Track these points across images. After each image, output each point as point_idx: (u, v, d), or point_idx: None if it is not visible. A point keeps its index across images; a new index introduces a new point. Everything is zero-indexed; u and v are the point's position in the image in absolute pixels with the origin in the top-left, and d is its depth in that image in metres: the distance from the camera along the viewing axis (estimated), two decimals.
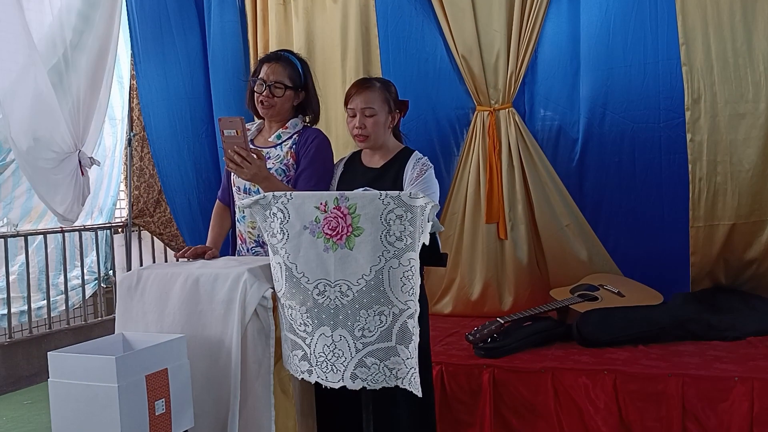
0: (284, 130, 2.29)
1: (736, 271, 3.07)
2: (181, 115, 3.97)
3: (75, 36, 3.29)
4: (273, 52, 2.36)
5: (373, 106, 2.15)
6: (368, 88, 2.18)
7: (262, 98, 2.25)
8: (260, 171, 2.07)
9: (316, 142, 2.24)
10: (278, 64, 2.26)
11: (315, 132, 2.30)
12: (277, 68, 2.25)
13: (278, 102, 2.26)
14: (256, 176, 2.07)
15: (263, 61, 2.30)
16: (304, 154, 2.23)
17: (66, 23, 3.29)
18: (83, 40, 3.32)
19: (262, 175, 2.08)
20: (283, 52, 2.37)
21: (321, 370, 1.71)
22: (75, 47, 3.31)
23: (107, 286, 4.66)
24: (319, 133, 2.29)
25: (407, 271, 1.65)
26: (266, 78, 2.24)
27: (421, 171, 2.14)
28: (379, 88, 2.19)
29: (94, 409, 1.62)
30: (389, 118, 2.20)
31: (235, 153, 2.03)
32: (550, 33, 3.26)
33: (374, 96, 2.16)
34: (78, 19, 3.31)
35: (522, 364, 2.49)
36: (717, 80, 2.95)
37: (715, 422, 2.23)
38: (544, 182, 3.28)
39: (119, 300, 2.00)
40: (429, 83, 3.43)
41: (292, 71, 2.28)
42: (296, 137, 2.27)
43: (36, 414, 3.41)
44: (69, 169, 3.40)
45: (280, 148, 2.26)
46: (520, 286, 3.31)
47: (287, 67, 2.27)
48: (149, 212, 4.29)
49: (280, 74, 2.25)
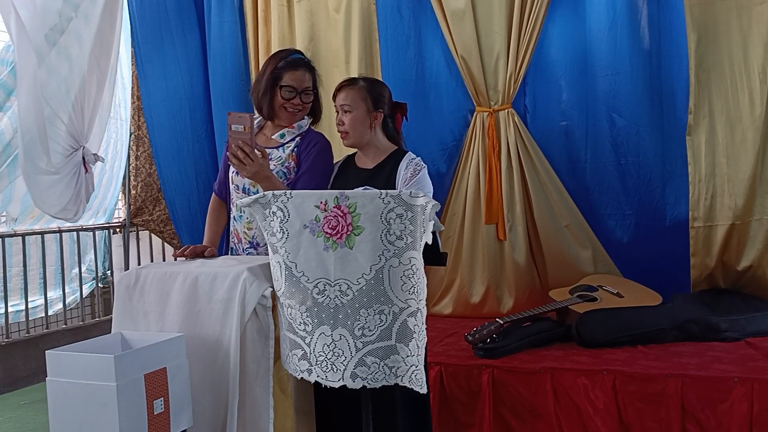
0: (289, 130, 2.27)
1: (734, 272, 3.08)
2: (181, 115, 3.97)
3: (64, 22, 3.25)
4: (295, 58, 2.29)
5: (349, 102, 2.18)
6: (349, 86, 2.21)
7: (291, 106, 2.23)
8: (262, 170, 2.06)
9: (318, 147, 2.23)
10: (304, 70, 2.26)
11: (318, 136, 2.29)
12: (305, 75, 2.25)
13: (307, 108, 2.28)
14: (257, 174, 2.06)
15: (287, 68, 2.24)
16: (305, 157, 2.22)
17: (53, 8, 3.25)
18: (73, 26, 3.28)
19: (264, 174, 2.07)
20: (299, 55, 2.33)
21: (321, 369, 1.70)
22: (67, 34, 3.27)
23: (105, 286, 4.65)
24: (321, 138, 2.28)
25: (408, 269, 1.65)
26: (297, 85, 2.23)
27: (415, 171, 2.13)
28: (361, 86, 2.21)
29: (93, 408, 1.61)
30: (369, 116, 2.20)
31: (239, 149, 2.03)
32: (553, 34, 3.28)
33: (353, 93, 2.19)
34: (65, 5, 3.26)
35: (521, 364, 2.49)
36: (715, 86, 3.01)
37: (714, 423, 2.23)
38: (543, 183, 3.28)
39: (117, 299, 1.99)
40: (428, 84, 3.43)
41: (312, 76, 2.29)
42: (299, 140, 2.26)
43: (33, 414, 3.40)
44: (71, 166, 3.38)
45: (282, 150, 2.25)
46: (520, 286, 3.31)
47: (311, 72, 2.28)
48: (148, 211, 4.29)
49: (308, 80, 2.26)
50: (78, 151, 3.42)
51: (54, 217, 3.55)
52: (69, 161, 3.34)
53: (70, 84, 3.30)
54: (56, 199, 3.33)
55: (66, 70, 3.30)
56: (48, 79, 3.19)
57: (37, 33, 3.14)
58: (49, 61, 3.20)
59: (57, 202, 3.34)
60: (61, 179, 3.32)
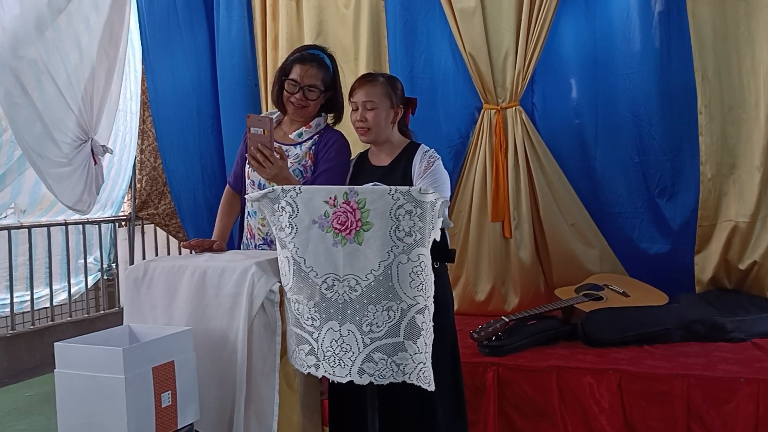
0: (307, 129, 2.26)
1: (739, 271, 3.07)
2: (188, 109, 3.98)
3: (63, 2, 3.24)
4: (308, 52, 2.27)
5: (374, 99, 2.16)
6: (370, 82, 2.18)
7: (295, 100, 2.22)
8: (281, 171, 2.06)
9: (336, 146, 2.22)
10: (313, 66, 2.22)
11: (336, 134, 2.28)
12: (311, 71, 2.21)
13: (311, 105, 2.24)
14: (276, 176, 2.06)
15: (296, 61, 2.23)
16: (323, 156, 2.21)
17: None
18: (83, 12, 3.28)
19: (283, 175, 2.07)
20: (315, 50, 2.30)
21: (328, 364, 1.71)
22: (77, 20, 3.27)
23: (109, 278, 4.67)
24: (340, 136, 2.27)
25: (416, 266, 1.65)
26: (300, 80, 2.20)
27: (429, 163, 2.13)
28: (381, 82, 2.19)
29: (101, 400, 1.62)
30: (391, 112, 2.20)
31: (259, 151, 2.03)
32: (563, 32, 3.27)
33: (376, 90, 2.17)
34: None
35: (526, 362, 2.49)
36: (722, 87, 3.02)
37: (719, 423, 2.23)
38: (550, 181, 3.27)
39: (126, 292, 1.99)
40: (436, 81, 3.43)
41: (325, 73, 2.25)
42: (317, 138, 2.25)
43: (38, 406, 3.41)
44: (81, 158, 3.38)
45: (299, 148, 2.24)
46: (525, 285, 3.30)
47: (321, 70, 2.23)
48: (154, 204, 4.29)
49: (314, 77, 2.22)
50: (86, 143, 3.42)
51: (70, 208, 3.56)
52: (78, 153, 3.34)
53: (80, 74, 3.30)
54: (70, 191, 3.34)
55: (76, 59, 3.30)
56: (58, 67, 3.19)
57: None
58: (58, 44, 3.18)
59: (71, 194, 3.35)
60: (73, 171, 3.32)
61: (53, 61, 3.23)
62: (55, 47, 3.23)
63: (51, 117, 3.20)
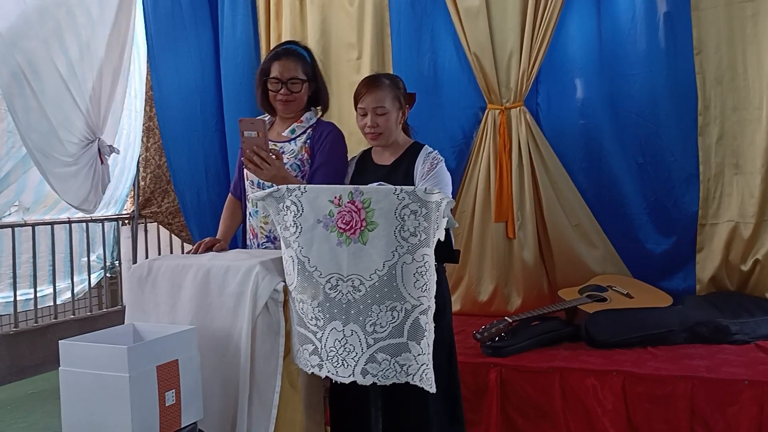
0: (298, 124, 2.28)
1: (741, 272, 3.07)
2: (192, 107, 3.97)
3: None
4: (281, 48, 2.31)
5: (384, 104, 2.16)
6: (378, 87, 2.18)
7: (281, 96, 2.23)
8: (279, 172, 2.07)
9: (331, 137, 2.23)
10: (289, 59, 2.24)
11: (329, 126, 2.29)
12: (289, 64, 2.23)
13: (297, 97, 2.25)
14: (275, 177, 2.06)
15: (272, 59, 2.26)
16: (319, 149, 2.22)
17: None
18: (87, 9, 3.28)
19: (281, 175, 2.07)
20: (288, 44, 2.33)
21: (332, 364, 1.70)
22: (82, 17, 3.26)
23: (112, 277, 4.67)
24: (333, 128, 2.28)
25: (420, 266, 1.64)
26: (281, 76, 2.22)
27: (432, 165, 2.14)
28: (388, 85, 2.19)
29: (105, 398, 1.62)
30: (400, 114, 2.21)
31: (254, 154, 2.03)
32: (568, 32, 3.25)
33: (384, 94, 2.17)
34: None
35: (529, 363, 2.48)
36: (727, 88, 3.02)
37: (723, 426, 2.22)
38: (554, 181, 3.27)
39: (130, 290, 2.00)
40: (440, 81, 3.42)
41: (304, 64, 2.27)
42: (310, 131, 2.26)
43: (40, 403, 3.42)
44: (87, 158, 3.38)
45: (294, 143, 2.25)
46: (528, 285, 3.29)
47: (299, 61, 2.25)
48: (157, 202, 4.29)
49: (293, 69, 2.23)
50: (94, 142, 3.43)
51: (76, 208, 3.56)
52: (85, 152, 3.35)
53: (84, 71, 3.30)
54: (75, 190, 3.34)
55: (76, 54, 3.30)
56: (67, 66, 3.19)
57: None
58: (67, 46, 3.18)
59: (77, 194, 3.35)
60: (79, 170, 3.32)
61: (54, 53, 3.22)
62: (55, 39, 3.23)
63: (57, 116, 3.20)
